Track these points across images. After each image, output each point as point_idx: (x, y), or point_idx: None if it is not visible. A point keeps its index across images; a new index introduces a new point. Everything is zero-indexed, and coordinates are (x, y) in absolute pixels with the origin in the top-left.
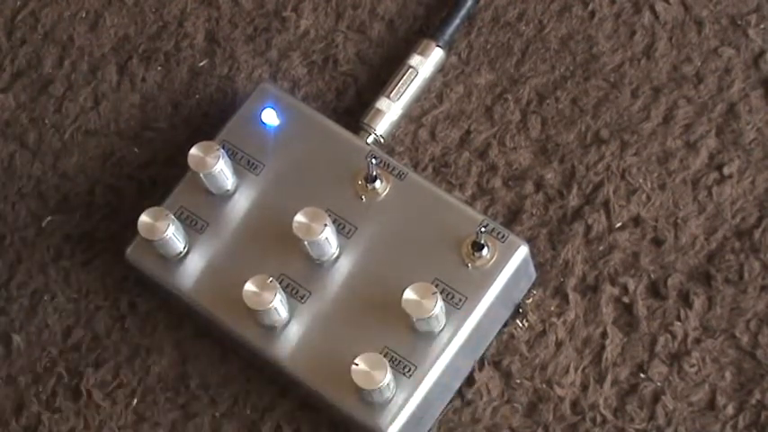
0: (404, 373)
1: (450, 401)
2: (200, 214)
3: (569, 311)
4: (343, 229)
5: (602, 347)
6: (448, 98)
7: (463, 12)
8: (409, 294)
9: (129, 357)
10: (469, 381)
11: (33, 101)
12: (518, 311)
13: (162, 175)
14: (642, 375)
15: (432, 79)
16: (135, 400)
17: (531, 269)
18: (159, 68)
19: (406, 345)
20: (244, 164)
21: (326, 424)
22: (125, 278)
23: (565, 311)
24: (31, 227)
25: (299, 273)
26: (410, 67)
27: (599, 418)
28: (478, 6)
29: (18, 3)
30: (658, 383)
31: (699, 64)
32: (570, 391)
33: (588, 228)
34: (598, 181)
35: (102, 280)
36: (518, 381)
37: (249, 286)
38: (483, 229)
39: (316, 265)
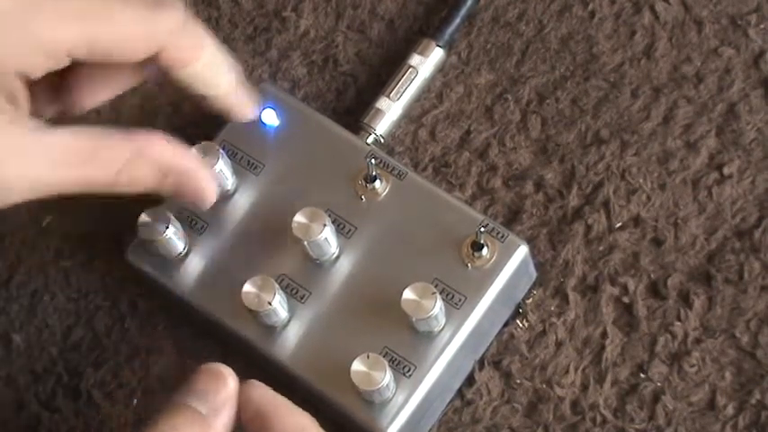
0: (403, 373)
1: (451, 401)
2: (199, 214)
3: (569, 311)
4: (342, 229)
5: (602, 347)
6: (448, 98)
7: (463, 11)
8: (409, 294)
9: (129, 357)
10: (469, 381)
11: None
12: (518, 311)
13: None
14: (642, 375)
15: (432, 79)
16: (135, 400)
17: (531, 269)
18: None
19: (405, 345)
20: (244, 164)
21: (326, 424)
22: (125, 278)
23: (565, 311)
24: (31, 227)
25: (299, 273)
26: (410, 66)
27: (599, 418)
28: (478, 6)
29: None
30: (658, 383)
31: (699, 64)
32: (570, 391)
33: (588, 228)
34: (598, 181)
35: (102, 280)
36: (518, 381)
37: (248, 287)
38: (483, 229)
39: (315, 266)
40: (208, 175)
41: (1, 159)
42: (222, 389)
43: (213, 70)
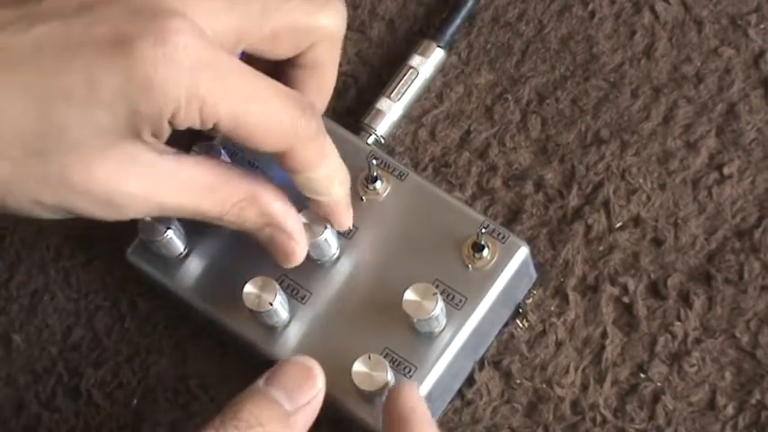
0: (404, 374)
1: (451, 401)
2: None
3: (569, 311)
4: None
5: (602, 347)
6: (448, 98)
7: (463, 12)
8: (410, 295)
9: (129, 357)
10: (469, 381)
11: None
12: (518, 311)
13: None
14: (642, 375)
15: (432, 79)
16: (135, 400)
17: (532, 270)
18: None
19: (406, 345)
20: (243, 164)
21: (327, 423)
22: (125, 278)
23: (565, 311)
24: (31, 227)
25: (300, 273)
26: (410, 67)
27: (599, 418)
28: (478, 6)
29: None
30: (658, 383)
31: (699, 64)
32: (570, 391)
33: (588, 228)
34: (598, 181)
35: (102, 280)
36: (518, 381)
37: (249, 287)
38: (483, 230)
39: (316, 266)
40: (303, 241)
41: (133, 178)
42: (310, 388)
43: (328, 181)
